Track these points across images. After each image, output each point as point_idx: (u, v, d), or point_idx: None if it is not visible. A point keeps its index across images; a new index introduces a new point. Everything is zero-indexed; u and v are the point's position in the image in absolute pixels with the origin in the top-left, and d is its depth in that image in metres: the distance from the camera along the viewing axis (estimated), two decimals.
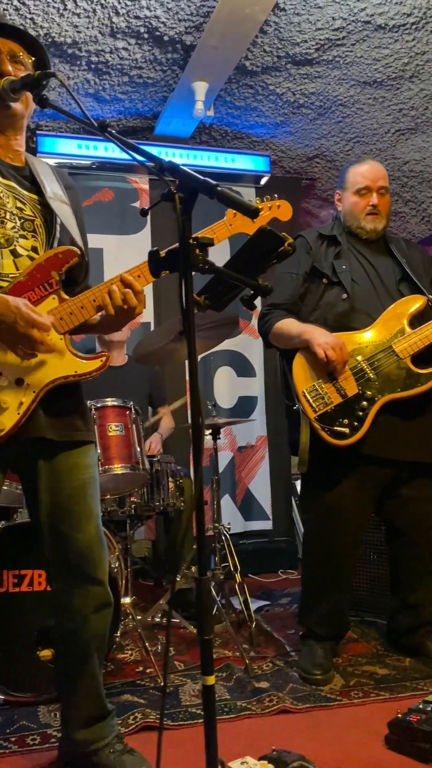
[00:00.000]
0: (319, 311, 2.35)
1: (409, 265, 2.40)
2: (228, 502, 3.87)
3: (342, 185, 2.48)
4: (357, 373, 2.23)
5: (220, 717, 2.00)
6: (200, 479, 1.14)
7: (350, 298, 2.31)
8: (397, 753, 1.78)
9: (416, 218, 4.04)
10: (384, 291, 2.35)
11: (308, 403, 2.23)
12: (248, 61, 3.16)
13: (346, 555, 2.33)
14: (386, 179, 2.43)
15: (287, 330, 2.33)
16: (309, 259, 2.41)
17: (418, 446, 2.27)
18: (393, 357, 2.23)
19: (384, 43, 2.96)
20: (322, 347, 2.18)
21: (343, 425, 2.19)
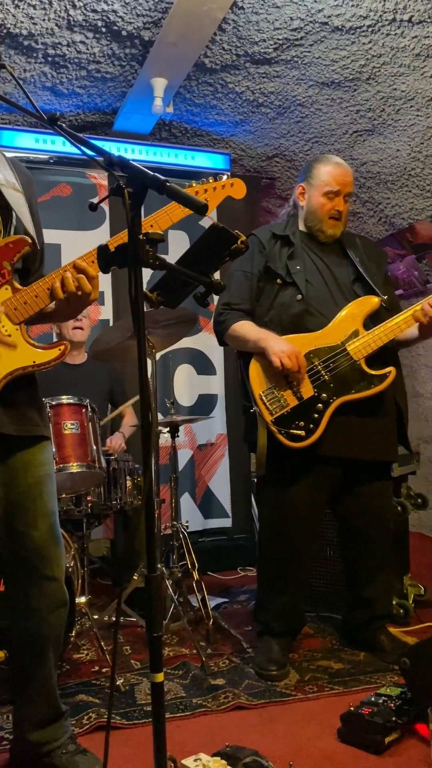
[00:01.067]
0: (274, 312, 2.35)
1: (363, 265, 2.42)
2: (188, 500, 3.87)
3: (308, 180, 2.43)
4: (312, 376, 2.25)
5: (176, 715, 2.00)
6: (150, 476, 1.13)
7: (305, 299, 2.31)
8: (349, 745, 1.81)
9: (373, 219, 4.10)
10: (338, 292, 2.36)
11: (265, 407, 2.25)
12: (207, 58, 3.16)
13: (301, 551, 2.36)
14: (353, 184, 2.44)
15: (243, 334, 2.33)
16: (263, 259, 2.39)
17: (372, 445, 2.31)
18: (347, 359, 2.25)
19: (341, 44, 2.99)
20: (278, 356, 2.18)
21: (299, 428, 2.21)
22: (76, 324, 3.15)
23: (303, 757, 1.76)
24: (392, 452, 2.40)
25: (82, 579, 2.51)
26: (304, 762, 1.71)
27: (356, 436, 2.28)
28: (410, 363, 4.37)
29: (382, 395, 2.28)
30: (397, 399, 2.38)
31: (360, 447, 2.29)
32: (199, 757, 1.63)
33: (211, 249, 1.42)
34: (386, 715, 1.81)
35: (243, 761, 1.61)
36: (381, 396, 2.28)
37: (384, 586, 2.45)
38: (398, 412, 2.40)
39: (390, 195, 3.83)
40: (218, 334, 2.46)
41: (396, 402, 2.38)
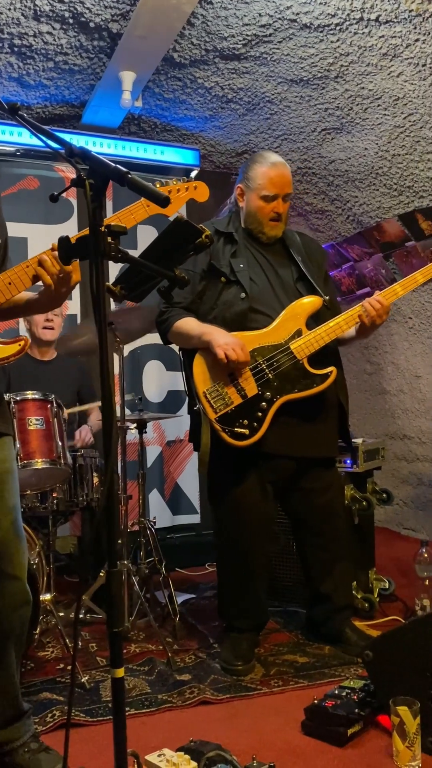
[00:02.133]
0: (218, 310, 2.34)
1: (305, 264, 2.43)
2: (156, 496, 3.86)
3: (245, 182, 2.41)
4: (257, 374, 2.25)
5: (141, 711, 2.00)
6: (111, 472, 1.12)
7: (248, 298, 2.31)
8: (312, 738, 1.83)
9: (342, 217, 4.13)
10: (282, 290, 2.38)
11: (209, 404, 2.24)
12: (176, 53, 3.14)
13: (256, 548, 2.37)
14: (291, 183, 2.41)
15: (187, 330, 2.31)
16: (206, 257, 2.36)
17: (316, 442, 2.35)
18: (290, 358, 2.26)
19: (310, 42, 3.00)
20: (223, 348, 2.17)
21: (243, 426, 2.22)
22: (47, 324, 3.11)
23: (266, 750, 1.77)
24: (334, 448, 2.45)
25: (47, 576, 2.49)
26: (267, 755, 1.72)
27: (301, 433, 2.31)
28: (377, 360, 4.42)
29: (324, 393, 2.31)
30: (339, 396, 2.42)
31: (305, 444, 2.32)
32: (162, 752, 1.63)
33: (175, 243, 1.42)
34: (349, 707, 1.84)
35: (206, 755, 1.61)
36: (323, 393, 2.31)
37: (341, 579, 2.47)
38: (340, 408, 2.43)
39: (358, 193, 3.86)
40: (161, 333, 2.43)
41: (338, 399, 2.41)
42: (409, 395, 4.24)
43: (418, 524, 4.29)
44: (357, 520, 2.83)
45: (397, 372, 4.30)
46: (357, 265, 4.26)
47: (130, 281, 1.43)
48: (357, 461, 2.84)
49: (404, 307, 4.00)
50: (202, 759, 1.60)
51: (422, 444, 4.19)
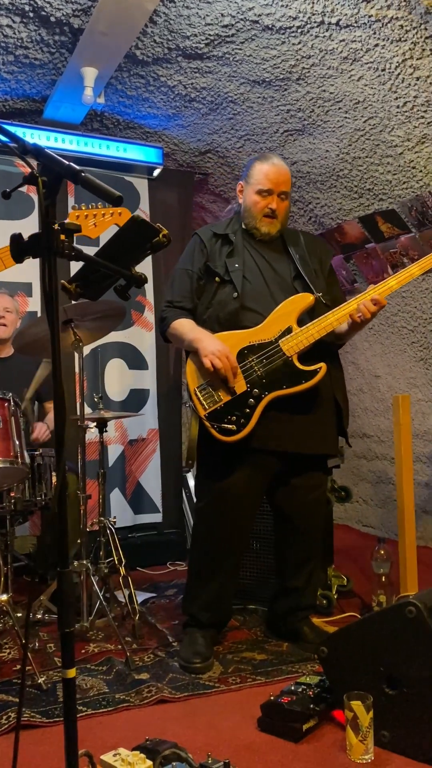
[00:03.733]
0: (212, 309, 2.40)
1: (303, 262, 2.46)
2: (118, 495, 3.84)
3: (246, 178, 2.49)
4: (246, 371, 2.29)
5: (98, 711, 1.99)
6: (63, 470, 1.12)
7: (240, 297, 2.35)
8: (268, 734, 1.85)
9: (304, 218, 4.17)
10: (278, 288, 2.41)
11: (199, 401, 2.30)
12: (138, 50, 3.13)
13: (234, 542, 2.40)
14: (289, 183, 2.47)
15: (181, 332, 2.39)
16: (203, 258, 2.45)
17: (305, 439, 2.37)
18: (280, 355, 2.29)
19: (272, 43, 3.02)
20: (209, 358, 2.24)
21: (231, 422, 2.26)
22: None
23: (222, 747, 1.78)
24: (328, 446, 2.46)
25: (5, 577, 2.45)
26: (223, 752, 1.73)
27: (291, 430, 2.33)
28: None
29: (317, 390, 2.32)
30: (335, 394, 2.44)
31: (295, 441, 2.34)
32: (118, 752, 1.63)
33: (132, 242, 1.42)
34: (304, 703, 1.86)
35: (162, 754, 1.61)
36: (316, 391, 2.32)
37: (311, 577, 2.51)
38: (337, 406, 2.45)
39: (319, 195, 3.90)
40: (161, 332, 2.52)
41: (335, 397, 2.44)
42: (369, 395, 4.31)
43: (377, 521, 4.36)
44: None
45: (357, 372, 4.36)
46: None
47: (86, 279, 1.43)
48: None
49: None
50: (158, 757, 1.60)
51: (381, 442, 4.26)
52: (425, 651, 1.69)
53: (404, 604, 1.74)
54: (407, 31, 2.70)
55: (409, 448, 2.90)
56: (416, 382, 3.91)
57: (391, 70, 2.91)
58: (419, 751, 1.69)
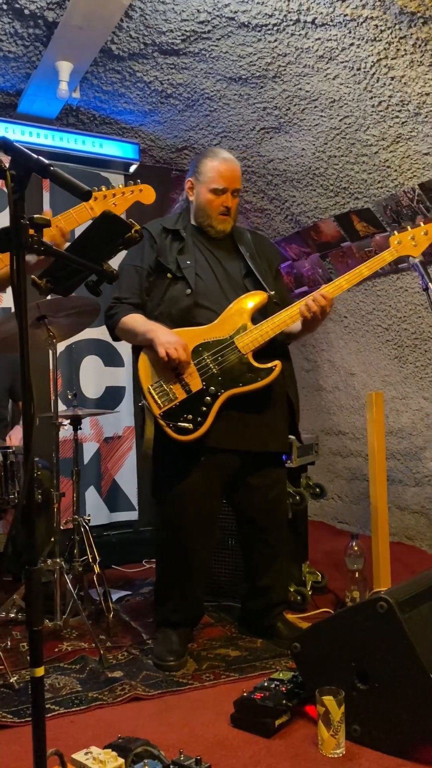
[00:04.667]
0: (164, 306, 2.36)
1: (253, 260, 2.46)
2: (93, 493, 3.81)
3: (195, 175, 2.45)
4: (201, 369, 2.27)
5: (70, 709, 1.98)
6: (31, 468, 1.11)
7: (194, 294, 2.33)
8: (241, 730, 1.85)
9: (280, 216, 4.18)
10: (229, 286, 2.40)
11: (153, 400, 2.25)
12: (114, 45, 3.11)
13: (198, 543, 2.38)
14: (240, 179, 2.45)
15: (132, 326, 2.33)
16: (153, 253, 2.40)
17: (262, 437, 2.37)
18: (235, 352, 2.28)
19: (248, 41, 3.02)
20: (164, 347, 2.19)
21: (187, 420, 2.23)
22: None
23: (195, 743, 1.78)
24: (283, 444, 2.47)
25: None
26: (195, 748, 1.73)
27: (247, 427, 2.33)
28: (314, 358, 4.50)
29: (271, 387, 2.33)
30: (288, 391, 2.45)
31: (251, 439, 2.34)
32: (90, 750, 1.62)
33: (104, 237, 1.41)
34: (277, 698, 1.87)
35: (134, 751, 1.61)
36: (271, 388, 2.33)
37: (279, 574, 2.52)
38: (289, 404, 2.46)
39: (296, 193, 3.91)
40: (109, 329, 2.45)
41: (287, 394, 2.45)
42: (344, 392, 4.34)
43: (352, 518, 4.39)
44: (290, 514, 2.88)
45: (332, 369, 4.39)
46: (295, 264, 4.32)
47: (56, 274, 1.42)
48: (291, 457, 2.88)
49: (339, 306, 4.08)
50: (130, 755, 1.60)
51: (356, 440, 4.30)
52: (396, 646, 1.71)
53: (375, 599, 1.76)
54: (382, 30, 2.72)
55: (383, 445, 2.92)
56: (390, 380, 3.95)
57: (366, 70, 2.93)
58: (389, 745, 1.71)
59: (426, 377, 3.72)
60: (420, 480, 3.85)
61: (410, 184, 3.28)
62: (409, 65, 2.80)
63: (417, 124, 3.02)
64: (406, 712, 1.69)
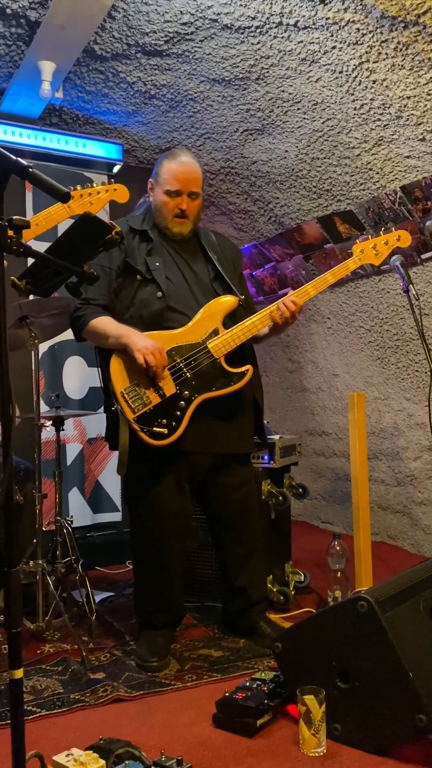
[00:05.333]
0: (134, 309, 2.34)
1: (221, 263, 2.46)
2: (76, 495, 3.80)
3: (155, 177, 2.44)
4: (174, 373, 2.27)
5: (52, 711, 1.97)
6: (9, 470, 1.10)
7: (165, 297, 2.32)
8: (223, 730, 1.86)
9: (264, 217, 4.19)
10: (199, 289, 2.40)
11: (127, 404, 2.24)
12: (97, 45, 3.10)
13: (173, 545, 2.38)
14: (198, 182, 2.41)
15: (103, 330, 2.29)
16: (121, 254, 2.37)
17: (234, 439, 2.39)
18: (208, 356, 2.29)
19: (231, 43, 3.02)
20: (142, 353, 2.18)
21: (162, 425, 2.23)
22: None
23: (177, 744, 1.78)
24: (249, 444, 2.51)
25: None
26: (177, 749, 1.74)
27: (218, 430, 2.35)
28: (298, 359, 4.52)
29: (241, 391, 2.34)
30: (254, 394, 2.47)
31: (222, 441, 2.36)
32: (71, 752, 1.62)
33: (84, 239, 1.41)
34: (259, 698, 1.88)
35: (115, 753, 1.61)
36: (240, 391, 2.35)
37: (255, 572, 2.53)
38: (256, 405, 2.49)
39: (279, 195, 3.93)
40: (76, 330, 2.40)
41: (254, 396, 2.47)
42: (327, 393, 4.36)
43: (335, 517, 4.42)
44: (273, 514, 2.89)
45: (316, 370, 4.41)
46: (279, 266, 4.34)
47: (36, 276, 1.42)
48: (274, 457, 2.90)
49: (323, 307, 4.11)
50: (111, 756, 1.60)
51: (339, 440, 4.32)
52: (376, 645, 1.72)
53: (356, 599, 1.77)
54: (364, 34, 2.74)
55: (364, 445, 2.95)
56: (373, 381, 3.98)
57: (349, 73, 2.95)
58: (370, 743, 1.73)
59: (408, 378, 3.75)
60: (402, 480, 3.88)
61: (392, 187, 3.31)
62: (391, 69, 2.82)
63: (398, 127, 3.05)
64: (386, 711, 1.70)
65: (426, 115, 2.90)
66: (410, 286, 2.50)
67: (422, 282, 3.40)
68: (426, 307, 3.44)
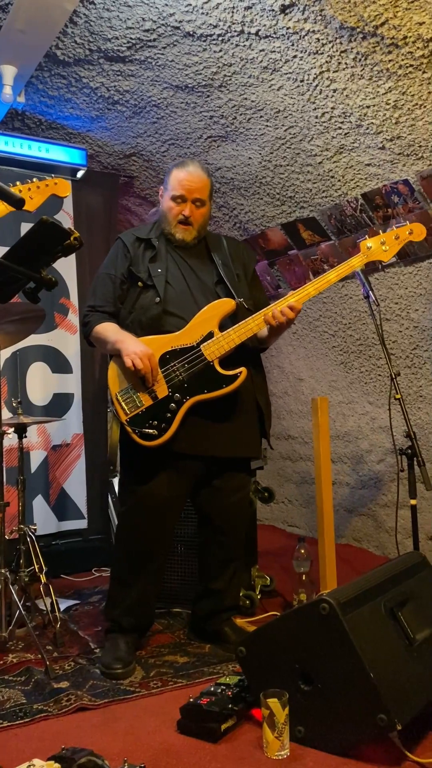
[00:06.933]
0: (135, 314, 2.41)
1: (225, 268, 2.49)
2: (41, 502, 3.76)
3: (165, 184, 2.52)
4: (168, 376, 2.31)
5: (14, 723, 1.95)
6: None
7: (162, 302, 2.37)
8: (187, 736, 1.86)
9: (229, 224, 4.22)
10: (200, 294, 2.43)
11: (120, 406, 2.32)
12: (59, 50, 3.09)
13: (157, 546, 2.40)
14: (204, 191, 2.47)
15: (104, 335, 2.39)
16: (126, 262, 2.46)
17: (227, 443, 2.40)
18: (201, 359, 2.31)
19: (193, 50, 3.04)
20: (130, 357, 2.25)
21: (152, 426, 2.28)
22: None
23: (141, 751, 1.78)
24: (250, 449, 2.50)
25: None
26: (141, 756, 1.73)
27: (213, 433, 2.36)
28: (265, 364, 4.53)
29: (239, 394, 2.36)
30: (257, 397, 2.48)
31: (216, 444, 2.37)
32: (33, 763, 1.60)
33: (42, 244, 1.40)
34: (223, 703, 1.88)
35: (78, 762, 1.60)
36: (238, 395, 2.36)
37: (232, 579, 2.54)
38: (259, 410, 2.49)
39: (243, 201, 3.96)
40: (84, 336, 2.52)
41: (257, 400, 2.47)
42: (293, 397, 4.40)
43: (302, 521, 4.45)
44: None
45: (282, 375, 4.45)
46: None
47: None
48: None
49: None
50: (73, 766, 1.58)
51: (305, 444, 4.36)
52: (338, 646, 1.74)
53: (318, 601, 1.79)
54: (324, 44, 2.78)
55: (328, 449, 2.98)
56: (337, 385, 4.03)
57: (309, 82, 2.99)
58: (333, 745, 1.74)
59: (371, 382, 3.81)
60: (366, 482, 3.93)
61: (353, 194, 3.36)
62: (350, 78, 2.87)
63: (359, 135, 3.10)
64: (348, 712, 1.72)
65: (385, 124, 2.96)
66: (370, 292, 2.53)
67: (383, 288, 3.46)
68: (388, 313, 3.50)
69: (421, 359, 3.46)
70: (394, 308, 3.47)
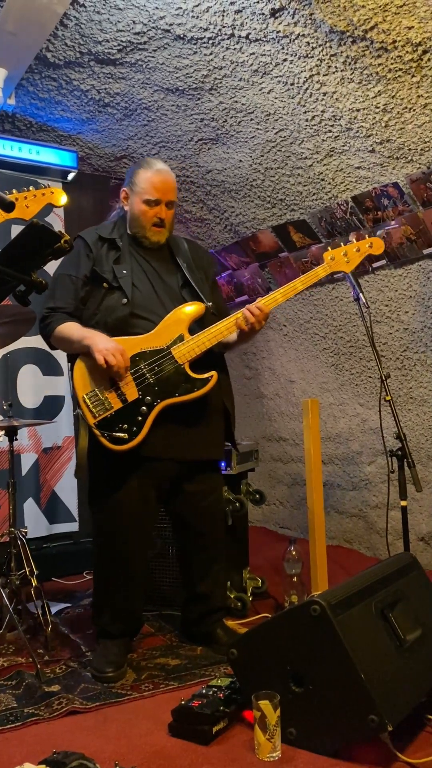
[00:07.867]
0: (100, 315, 2.35)
1: (190, 271, 2.47)
2: (32, 505, 3.74)
3: (130, 186, 2.44)
4: (137, 378, 2.27)
5: (5, 727, 1.94)
6: None
7: (130, 303, 2.32)
8: (179, 738, 1.85)
9: (220, 226, 4.22)
10: (167, 296, 2.40)
11: (88, 409, 2.24)
12: (50, 52, 3.09)
13: (135, 551, 2.37)
14: (175, 191, 2.44)
15: (68, 334, 2.31)
16: (89, 263, 2.38)
17: (198, 446, 2.38)
18: (172, 362, 2.29)
19: (184, 53, 3.05)
20: (102, 353, 2.18)
21: (122, 430, 2.23)
22: None
23: (132, 754, 1.77)
24: (218, 451, 2.50)
25: None
26: (132, 759, 1.73)
27: (183, 437, 2.34)
28: (255, 366, 4.56)
29: (207, 397, 2.34)
30: (224, 400, 2.48)
31: (186, 448, 2.36)
32: (23, 767, 1.59)
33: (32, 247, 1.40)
34: (214, 705, 1.88)
35: (69, 766, 1.59)
36: (207, 398, 2.34)
37: (217, 580, 2.54)
38: (225, 413, 2.49)
39: (234, 204, 3.97)
40: (44, 337, 2.42)
41: (223, 403, 2.47)
42: (284, 399, 4.41)
43: (293, 523, 4.46)
44: (231, 520, 2.90)
45: (273, 377, 4.46)
46: (235, 274, 4.38)
47: None
48: (230, 464, 2.92)
49: (279, 315, 4.16)
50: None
51: (296, 445, 4.37)
52: (329, 648, 1.75)
53: (309, 602, 1.79)
54: (313, 48, 2.79)
55: (318, 451, 2.99)
56: (328, 387, 4.04)
57: (300, 85, 3.01)
58: (324, 746, 1.75)
59: (361, 384, 3.83)
60: (357, 484, 3.94)
61: (343, 197, 3.38)
62: (340, 82, 2.89)
63: (349, 138, 3.12)
64: (339, 713, 1.72)
65: (375, 127, 2.98)
66: (360, 295, 2.55)
67: (373, 290, 3.48)
68: (378, 315, 3.52)
69: (411, 361, 3.48)
70: (384, 310, 3.49)
